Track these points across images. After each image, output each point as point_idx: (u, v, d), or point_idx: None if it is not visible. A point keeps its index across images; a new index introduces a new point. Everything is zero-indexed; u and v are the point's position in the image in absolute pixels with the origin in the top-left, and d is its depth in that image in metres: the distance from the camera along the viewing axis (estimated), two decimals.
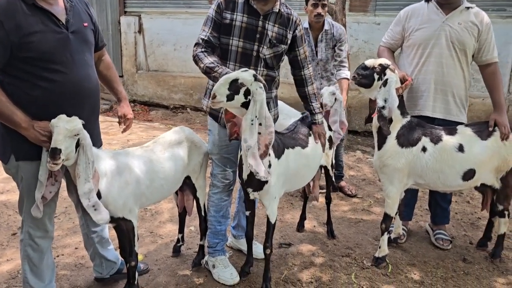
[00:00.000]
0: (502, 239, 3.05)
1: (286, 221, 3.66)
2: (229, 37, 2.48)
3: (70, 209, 3.65)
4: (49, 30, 2.03)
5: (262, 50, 2.50)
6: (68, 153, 1.98)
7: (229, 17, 2.46)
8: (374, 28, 6.50)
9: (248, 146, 2.18)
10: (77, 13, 2.17)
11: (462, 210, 3.99)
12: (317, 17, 3.81)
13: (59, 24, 2.07)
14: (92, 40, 2.28)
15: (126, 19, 8.09)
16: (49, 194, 2.12)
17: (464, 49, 2.96)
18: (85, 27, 2.20)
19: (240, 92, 2.16)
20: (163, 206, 3.84)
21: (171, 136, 2.65)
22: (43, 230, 2.25)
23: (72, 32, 2.11)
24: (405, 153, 2.80)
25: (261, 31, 2.48)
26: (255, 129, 2.19)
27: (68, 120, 1.99)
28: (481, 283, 2.80)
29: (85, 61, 2.19)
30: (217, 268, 2.75)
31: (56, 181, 2.15)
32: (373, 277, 2.83)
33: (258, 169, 2.18)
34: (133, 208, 2.34)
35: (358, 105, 6.45)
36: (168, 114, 7.76)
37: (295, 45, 2.63)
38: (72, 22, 2.12)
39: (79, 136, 2.01)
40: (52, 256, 2.41)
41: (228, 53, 2.50)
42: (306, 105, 2.82)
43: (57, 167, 1.95)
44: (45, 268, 2.32)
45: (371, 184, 4.62)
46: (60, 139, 1.92)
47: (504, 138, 2.82)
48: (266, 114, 2.22)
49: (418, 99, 3.08)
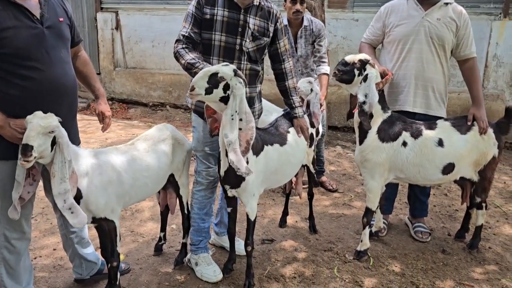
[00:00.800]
0: (480, 230, 3.12)
1: (268, 217, 3.67)
2: (211, 32, 2.46)
3: (48, 210, 3.56)
4: (23, 26, 1.97)
5: (245, 44, 2.49)
6: (42, 151, 1.91)
7: (209, 12, 2.45)
8: (352, 24, 6.55)
9: (229, 142, 2.16)
10: (52, 8, 2.11)
11: (440, 202, 4.08)
12: (296, 14, 3.81)
13: (33, 19, 2.00)
14: (68, 36, 2.21)
15: (102, 15, 7.93)
16: (27, 194, 2.06)
17: (443, 44, 3.01)
18: (61, 22, 2.14)
19: (219, 86, 2.14)
20: (143, 205, 3.78)
21: (154, 134, 2.61)
22: (19, 232, 2.19)
23: (47, 27, 2.05)
24: (386, 148, 2.83)
25: (243, 25, 2.48)
26: (235, 124, 2.18)
27: (43, 116, 1.92)
28: (460, 273, 2.86)
29: (62, 58, 2.13)
30: (200, 265, 2.73)
31: (34, 181, 2.09)
32: (355, 271, 2.86)
33: (239, 165, 2.16)
34: (115, 208, 2.29)
35: (338, 101, 6.50)
36: (147, 112, 7.65)
37: (276, 38, 2.64)
38: (47, 17, 2.06)
39: (54, 133, 1.94)
40: (29, 258, 2.35)
41: (211, 48, 2.49)
42: (286, 100, 2.82)
43: (28, 165, 1.88)
44: (22, 271, 2.26)
45: (351, 178, 4.67)
46: (32, 135, 1.85)
47: (483, 132, 2.89)
48: (246, 109, 2.21)
49: (399, 94, 3.12)
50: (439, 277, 2.81)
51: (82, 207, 2.14)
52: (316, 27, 3.95)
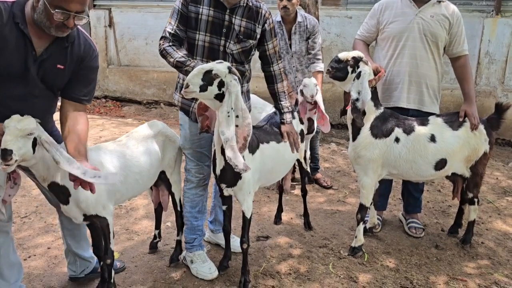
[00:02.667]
0: (472, 226, 3.15)
1: (263, 214, 3.67)
2: (195, 31, 2.43)
3: (41, 208, 3.54)
4: (16, 53, 1.92)
5: (229, 46, 2.46)
6: (23, 154, 1.86)
7: (194, 10, 2.41)
8: (346, 21, 6.57)
9: (226, 139, 2.15)
10: (58, 53, 2.03)
11: (433, 198, 4.11)
12: (284, 10, 3.82)
13: (29, 53, 1.95)
14: (58, 83, 2.11)
15: (95, 12, 7.88)
16: (9, 197, 2.05)
17: (436, 41, 3.03)
18: (58, 69, 2.05)
19: (213, 83, 2.13)
20: (138, 202, 3.78)
21: (144, 130, 2.60)
22: None
23: (39, 66, 1.99)
24: (379, 144, 2.85)
25: (228, 26, 2.44)
26: (231, 121, 2.17)
27: (20, 119, 1.88)
28: (453, 268, 2.89)
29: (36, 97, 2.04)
30: (195, 263, 2.73)
31: (15, 184, 2.06)
32: (350, 267, 2.88)
33: (237, 162, 2.15)
34: (107, 205, 2.28)
35: (332, 98, 6.52)
36: (141, 110, 7.63)
37: (264, 39, 2.58)
38: (43, 58, 1.99)
39: (34, 135, 1.90)
40: (15, 254, 2.32)
41: (195, 48, 2.46)
42: (275, 103, 2.78)
43: (10, 168, 1.84)
44: (7, 267, 2.23)
45: (345, 175, 4.69)
46: (9, 139, 1.81)
47: (474, 128, 2.91)
48: (242, 106, 2.20)
49: (393, 91, 3.14)
50: (433, 272, 2.84)
51: (72, 204, 2.14)
52: (310, 23, 3.96)
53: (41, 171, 2.03)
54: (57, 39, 1.99)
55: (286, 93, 2.76)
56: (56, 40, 2.00)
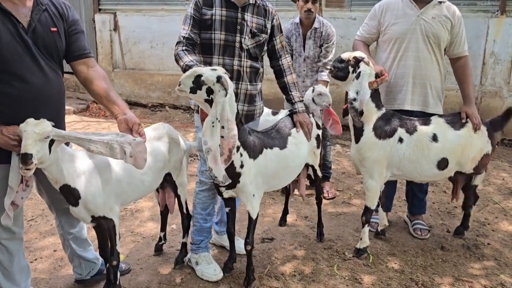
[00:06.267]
0: (475, 190, 3.16)
1: (268, 216, 3.68)
2: (211, 31, 2.52)
3: (47, 211, 3.56)
4: (6, 33, 1.94)
5: (244, 41, 2.55)
6: (41, 157, 1.90)
7: (208, 13, 2.51)
8: (350, 23, 6.57)
9: (207, 149, 2.14)
10: (45, 17, 2.06)
11: (439, 199, 4.09)
12: (307, 13, 3.79)
13: (18, 27, 1.97)
14: (60, 46, 2.14)
15: (100, 16, 7.94)
16: (21, 200, 2.04)
17: (438, 42, 3.02)
18: (52, 32, 2.09)
19: (202, 88, 2.16)
20: (143, 205, 3.80)
21: (150, 132, 2.62)
22: (8, 232, 2.16)
23: (32, 37, 2.01)
24: (383, 145, 2.84)
25: (241, 23, 2.54)
26: (216, 132, 2.15)
27: (36, 123, 1.91)
28: (458, 270, 2.87)
29: (44, 67, 2.07)
30: (200, 264, 2.74)
31: (28, 186, 2.06)
32: (355, 268, 2.87)
33: (217, 174, 2.16)
34: (113, 207, 2.30)
35: (337, 100, 6.47)
36: (147, 113, 7.66)
37: (273, 34, 2.70)
38: (34, 26, 2.01)
39: (50, 137, 1.93)
40: (24, 258, 2.34)
41: (212, 47, 2.54)
42: (286, 96, 2.85)
43: (30, 172, 1.87)
44: (17, 271, 2.25)
45: (350, 177, 4.68)
46: (29, 143, 1.85)
47: (477, 129, 2.91)
48: (228, 117, 2.17)
49: (397, 94, 3.13)
50: (438, 274, 2.82)
51: (81, 207, 2.16)
52: (326, 31, 3.91)
53: (54, 173, 2.05)
54: (33, 7, 2.03)
55: (295, 84, 2.83)
56: (33, 8, 2.03)
